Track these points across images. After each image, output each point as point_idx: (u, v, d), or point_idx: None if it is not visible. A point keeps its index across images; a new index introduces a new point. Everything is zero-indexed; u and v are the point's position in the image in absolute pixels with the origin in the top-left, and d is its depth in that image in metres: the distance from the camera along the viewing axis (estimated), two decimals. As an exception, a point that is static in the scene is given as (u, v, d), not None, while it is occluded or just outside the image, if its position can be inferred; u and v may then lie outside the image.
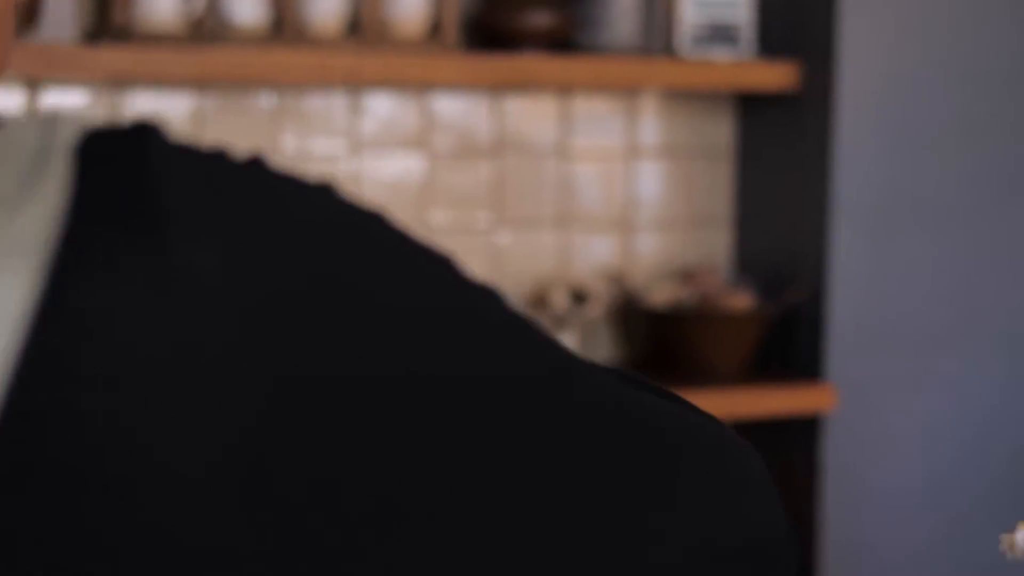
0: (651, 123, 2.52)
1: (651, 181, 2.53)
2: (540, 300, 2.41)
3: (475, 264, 2.40)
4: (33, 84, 2.16)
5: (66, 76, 2.11)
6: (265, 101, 2.27)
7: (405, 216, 2.33)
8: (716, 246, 2.57)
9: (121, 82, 2.18)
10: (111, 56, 2.03)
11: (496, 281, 2.39)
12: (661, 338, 2.44)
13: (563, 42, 2.34)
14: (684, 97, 2.53)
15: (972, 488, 2.48)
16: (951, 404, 2.50)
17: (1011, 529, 1.16)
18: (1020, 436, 2.56)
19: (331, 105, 2.30)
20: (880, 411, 2.44)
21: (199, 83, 2.22)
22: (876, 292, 2.42)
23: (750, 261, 2.54)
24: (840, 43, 2.35)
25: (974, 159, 2.48)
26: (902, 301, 2.45)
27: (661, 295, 2.44)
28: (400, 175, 2.35)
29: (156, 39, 2.06)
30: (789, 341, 2.45)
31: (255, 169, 0.55)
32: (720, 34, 2.40)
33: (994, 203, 2.50)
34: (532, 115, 2.43)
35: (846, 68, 2.35)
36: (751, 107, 2.53)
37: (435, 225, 2.37)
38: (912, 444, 2.47)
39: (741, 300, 2.42)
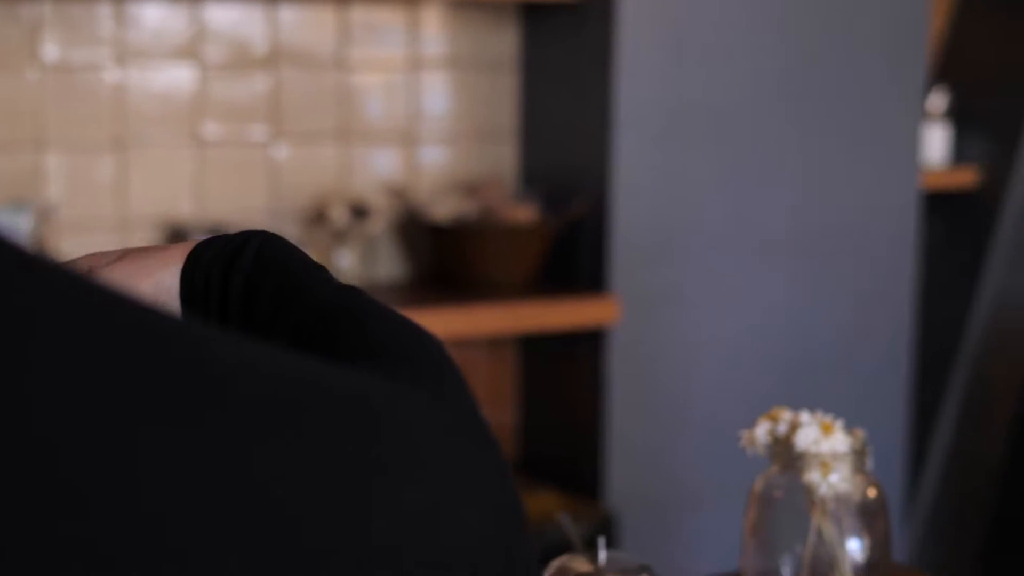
0: (434, 34, 2.47)
1: (434, 93, 2.48)
2: (319, 215, 2.36)
3: (252, 179, 2.34)
4: None
5: None
6: (26, 9, 2.16)
7: (177, 130, 2.25)
8: (501, 159, 2.54)
9: None
10: None
11: (274, 196, 2.34)
12: (445, 252, 2.40)
13: (338, -51, 2.28)
14: (467, 7, 2.48)
15: (754, 392, 2.51)
16: (732, 312, 2.51)
17: (750, 426, 1.16)
18: (800, 339, 2.59)
19: (95, 13, 2.21)
20: (664, 321, 2.45)
21: (-49, -11, 2.10)
22: (659, 203, 2.42)
23: (534, 174, 2.52)
24: (620, -49, 2.33)
25: (753, 67, 2.49)
26: (684, 211, 2.45)
27: (445, 209, 2.40)
28: (171, 87, 2.27)
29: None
30: (574, 254, 2.44)
31: None
32: (500, -58, 2.36)
33: (773, 111, 2.52)
34: (309, 25, 2.37)
35: (626, -23, 2.33)
36: (534, 18, 2.50)
37: (209, 139, 2.30)
38: (694, 352, 2.49)
39: (525, 213, 2.40)
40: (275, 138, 2.35)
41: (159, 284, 0.85)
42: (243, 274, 0.81)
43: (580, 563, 1.09)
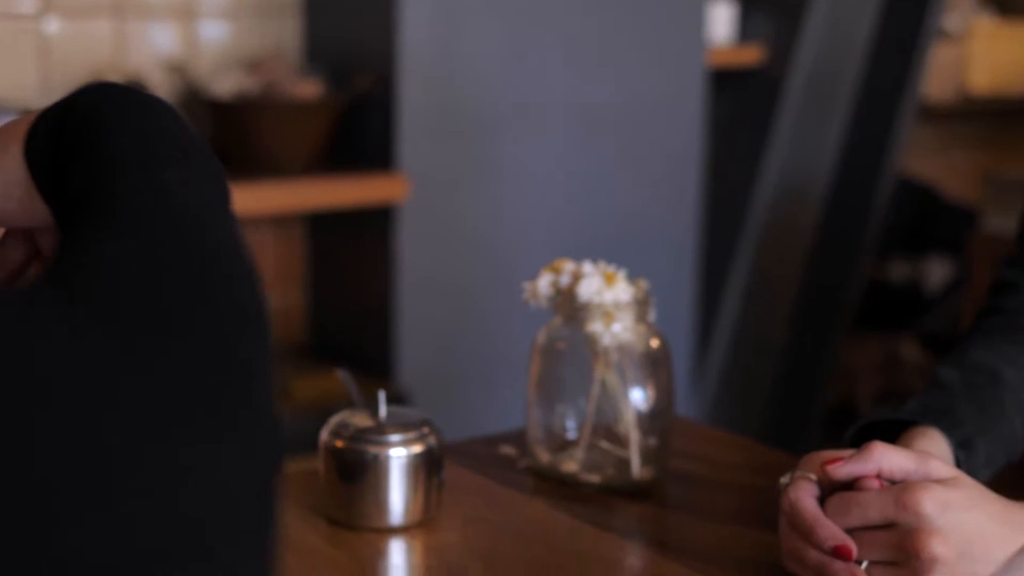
0: (210, -97, 2.38)
1: (213, -35, 2.40)
2: (94, 91, 2.26)
3: (21, 54, 2.23)
4: None
5: None
6: None
7: (-64, -1, 2.14)
8: (283, 33, 2.47)
9: None
10: None
11: (45, 72, 2.24)
12: (227, 129, 2.33)
13: None
14: None
15: (536, 263, 2.50)
16: (520, 188, 2.50)
17: (533, 278, 1.14)
18: (589, 215, 2.59)
19: None
20: (453, 197, 2.43)
21: None
22: (446, 78, 2.39)
23: (319, 48, 2.46)
24: None
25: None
26: (471, 87, 2.42)
27: (226, 85, 2.33)
28: (-71, -45, 2.15)
29: None
30: (360, 130, 2.39)
31: None
32: None
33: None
34: None
35: None
36: None
37: (-27, 10, 2.19)
38: (484, 228, 2.47)
39: (309, 89, 2.34)
40: (45, 11, 2.24)
41: (6, 172, 0.72)
42: (67, 153, 0.69)
43: (361, 418, 1.07)
